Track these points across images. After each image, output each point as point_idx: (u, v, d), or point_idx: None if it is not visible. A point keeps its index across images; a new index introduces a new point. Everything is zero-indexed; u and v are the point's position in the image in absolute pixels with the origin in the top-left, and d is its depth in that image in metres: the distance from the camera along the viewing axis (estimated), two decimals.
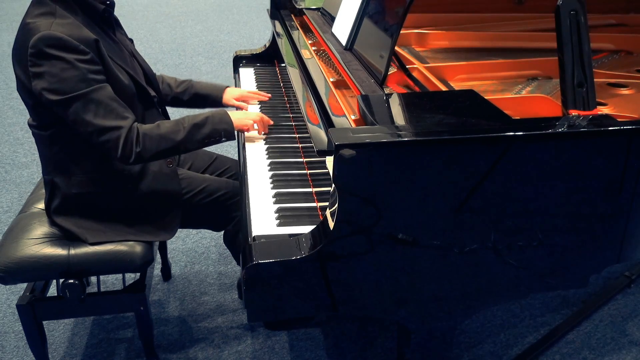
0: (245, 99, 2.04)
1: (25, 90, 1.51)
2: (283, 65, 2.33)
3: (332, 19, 1.97)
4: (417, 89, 1.55)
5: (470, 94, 1.37)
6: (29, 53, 1.42)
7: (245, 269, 1.18)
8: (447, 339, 1.42)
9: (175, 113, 2.02)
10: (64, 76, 1.43)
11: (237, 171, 2.02)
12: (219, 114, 1.67)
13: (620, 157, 1.22)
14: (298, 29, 2.18)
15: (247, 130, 1.78)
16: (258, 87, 2.27)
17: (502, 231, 1.23)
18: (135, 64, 1.72)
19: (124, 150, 1.50)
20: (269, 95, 2.08)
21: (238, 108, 2.05)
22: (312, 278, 1.20)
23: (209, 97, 2.02)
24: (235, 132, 1.74)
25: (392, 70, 1.62)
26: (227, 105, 2.04)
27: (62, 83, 1.43)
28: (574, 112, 1.29)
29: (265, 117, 1.81)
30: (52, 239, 1.64)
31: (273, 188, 1.55)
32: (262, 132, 1.81)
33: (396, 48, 1.66)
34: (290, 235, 1.29)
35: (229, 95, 2.03)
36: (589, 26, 1.30)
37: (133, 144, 1.50)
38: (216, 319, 2.12)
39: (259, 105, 2.07)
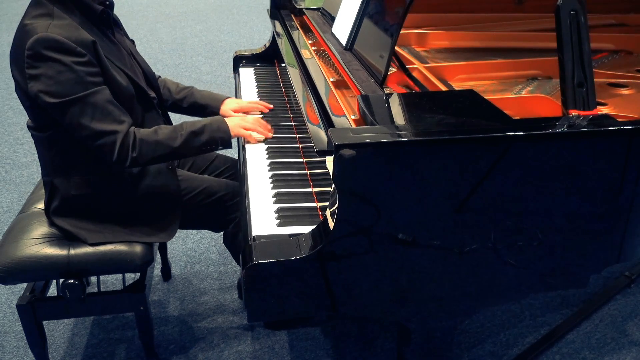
0: (244, 110, 1.99)
1: (22, 91, 1.51)
2: (283, 65, 2.33)
3: (332, 19, 1.97)
4: (417, 89, 1.55)
5: (470, 94, 1.37)
6: (25, 55, 1.42)
7: (245, 269, 1.18)
8: (447, 339, 1.42)
9: (174, 114, 2.01)
10: (61, 79, 1.43)
11: (236, 171, 2.02)
12: (217, 121, 1.67)
13: (620, 157, 1.22)
14: (298, 29, 2.18)
15: (249, 139, 1.75)
16: (258, 87, 2.27)
17: (502, 231, 1.23)
18: (134, 65, 1.71)
19: (120, 155, 1.50)
20: (271, 106, 2.00)
21: None
22: (312, 278, 1.20)
23: (207, 108, 1.98)
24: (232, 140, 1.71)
25: (392, 70, 1.62)
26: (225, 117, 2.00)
27: (59, 86, 1.43)
28: (574, 112, 1.29)
29: (262, 121, 1.80)
30: (52, 239, 1.64)
31: (273, 188, 1.55)
32: (268, 136, 1.78)
33: (396, 48, 1.66)
34: (290, 235, 1.29)
35: (227, 107, 1.97)
36: (589, 26, 1.30)
37: (129, 148, 1.50)
38: (216, 319, 2.12)
39: (261, 115, 2.03)
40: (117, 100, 1.53)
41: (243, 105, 1.99)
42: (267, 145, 1.77)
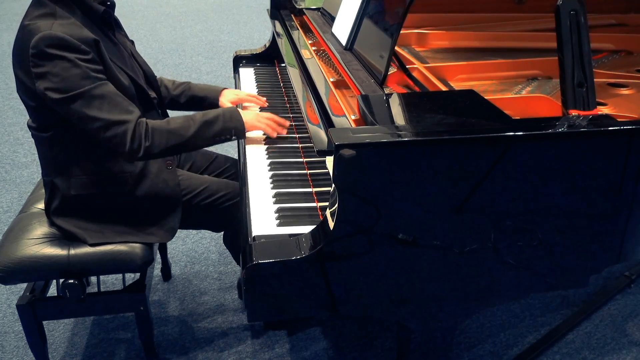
0: (242, 101, 1.99)
1: (26, 91, 1.51)
2: (283, 65, 2.33)
3: (332, 19, 1.97)
4: (417, 89, 1.55)
5: (470, 94, 1.37)
6: (30, 54, 1.42)
7: (245, 269, 1.18)
8: (447, 339, 1.42)
9: (173, 112, 2.01)
10: (67, 75, 1.43)
11: (236, 171, 2.02)
12: (230, 111, 1.66)
13: (620, 157, 1.22)
14: (298, 29, 2.18)
15: (265, 132, 1.73)
16: (258, 87, 2.27)
17: (502, 231, 1.23)
18: (135, 65, 1.71)
19: (132, 145, 1.49)
20: (266, 103, 2.01)
21: None
22: (312, 278, 1.20)
23: (206, 100, 1.98)
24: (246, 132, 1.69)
25: (392, 70, 1.62)
26: None
27: (65, 81, 1.43)
28: (574, 112, 1.29)
29: (277, 117, 1.77)
30: (52, 239, 1.64)
31: (273, 188, 1.55)
32: (283, 132, 1.75)
33: (396, 48, 1.66)
34: (290, 235, 1.29)
35: (225, 98, 1.98)
36: (589, 26, 1.30)
37: (142, 138, 1.49)
38: (216, 319, 2.12)
39: (258, 108, 2.05)
40: None
41: (241, 97, 1.99)
42: (267, 146, 1.77)
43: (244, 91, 2.06)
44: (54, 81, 1.43)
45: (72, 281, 1.60)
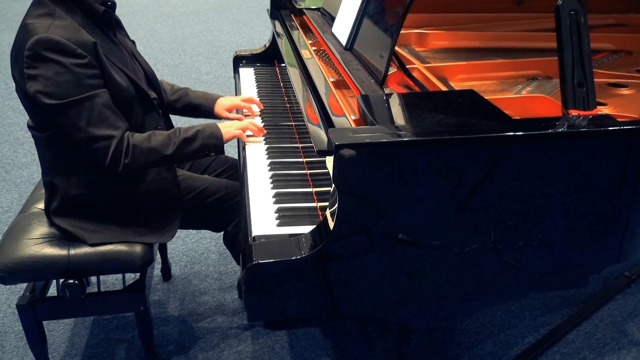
0: (237, 107, 1.98)
1: (22, 91, 1.51)
2: (283, 65, 2.33)
3: (332, 19, 1.97)
4: (417, 89, 1.55)
5: (470, 94, 1.37)
6: (25, 55, 1.42)
7: (245, 269, 1.18)
8: (447, 339, 1.42)
9: (172, 115, 2.01)
10: (59, 80, 1.42)
11: (236, 171, 2.02)
12: (210, 128, 1.65)
13: (620, 157, 1.22)
14: (298, 29, 2.18)
15: (242, 139, 1.76)
16: (258, 87, 2.27)
17: (502, 231, 1.23)
18: (136, 65, 1.71)
19: (113, 160, 1.50)
20: (261, 107, 2.01)
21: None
22: (312, 278, 1.20)
23: (201, 108, 1.97)
24: (224, 147, 1.70)
25: (392, 70, 1.62)
26: (219, 117, 1.97)
27: (57, 87, 1.43)
28: (574, 112, 1.29)
29: (255, 122, 1.79)
30: (52, 239, 1.64)
31: (273, 188, 1.55)
32: (259, 135, 1.78)
33: (396, 48, 1.66)
34: (290, 235, 1.29)
35: (221, 107, 1.96)
36: (589, 26, 1.30)
37: (122, 154, 1.50)
38: (216, 319, 2.12)
39: (258, 112, 2.04)
40: (117, 101, 1.53)
41: (236, 103, 1.98)
42: (267, 145, 1.77)
43: (238, 97, 2.04)
44: (45, 85, 1.42)
45: (72, 281, 1.60)
